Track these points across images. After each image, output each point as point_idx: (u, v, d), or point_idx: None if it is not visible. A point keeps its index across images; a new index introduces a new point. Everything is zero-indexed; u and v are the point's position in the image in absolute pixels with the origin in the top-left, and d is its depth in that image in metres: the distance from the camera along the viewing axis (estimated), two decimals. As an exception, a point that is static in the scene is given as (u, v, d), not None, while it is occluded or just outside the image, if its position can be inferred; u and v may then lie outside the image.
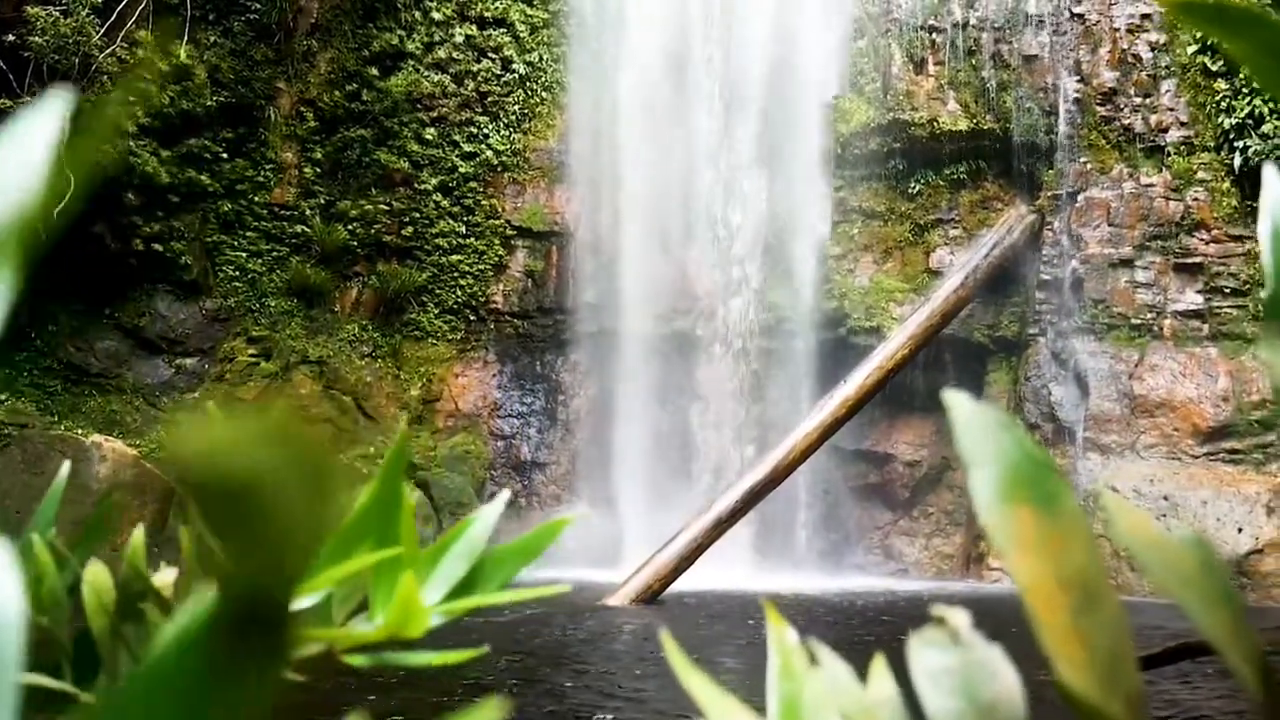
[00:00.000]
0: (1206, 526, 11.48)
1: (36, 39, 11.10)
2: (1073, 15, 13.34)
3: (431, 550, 0.59)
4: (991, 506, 0.39)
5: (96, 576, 0.73)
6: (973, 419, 0.40)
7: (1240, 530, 11.41)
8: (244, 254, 14.29)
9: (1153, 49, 13.09)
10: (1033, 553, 0.38)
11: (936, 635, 0.41)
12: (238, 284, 14.25)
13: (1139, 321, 12.86)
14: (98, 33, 11.47)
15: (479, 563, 0.60)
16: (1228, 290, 12.72)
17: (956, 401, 0.41)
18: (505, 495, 0.71)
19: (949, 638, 0.40)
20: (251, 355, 13.93)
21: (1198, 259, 12.81)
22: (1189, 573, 0.41)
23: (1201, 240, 12.83)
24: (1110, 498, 0.42)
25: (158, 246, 13.44)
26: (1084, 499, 12.24)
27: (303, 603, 0.56)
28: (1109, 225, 13.06)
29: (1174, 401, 12.42)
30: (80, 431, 11.36)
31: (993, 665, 0.39)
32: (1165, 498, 11.77)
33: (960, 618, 0.41)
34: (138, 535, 0.74)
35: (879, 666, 0.45)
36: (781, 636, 0.45)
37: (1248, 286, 12.67)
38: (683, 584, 10.15)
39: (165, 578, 0.74)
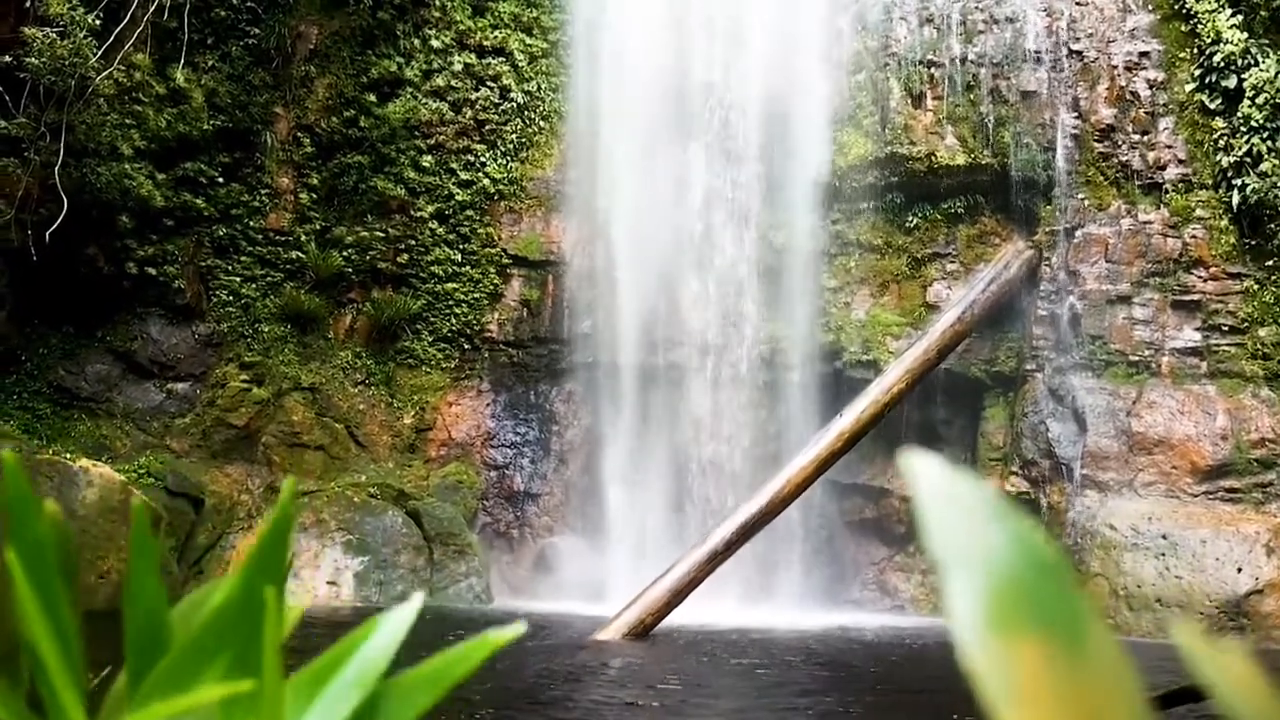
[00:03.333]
0: (1205, 566, 11.36)
1: (33, 60, 11.05)
2: (1071, 52, 13.37)
3: (306, 678, 0.44)
4: (977, 636, 0.25)
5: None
6: (948, 496, 0.26)
7: (1239, 570, 11.28)
8: (238, 279, 14.20)
9: (1151, 86, 13.11)
10: (1043, 713, 0.24)
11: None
12: (231, 309, 14.15)
13: (1137, 358, 12.79)
14: (95, 55, 11.44)
15: (374, 696, 0.44)
16: (1226, 328, 12.66)
17: (921, 469, 0.27)
18: (418, 600, 0.54)
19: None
20: (243, 381, 13.81)
21: (1196, 296, 12.77)
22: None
23: (1200, 278, 12.79)
24: (1190, 635, 0.28)
25: (151, 270, 13.35)
26: (1081, 537, 12.11)
27: None
28: (1107, 262, 13.02)
29: (1172, 439, 12.32)
30: (68, 456, 11.21)
31: None
32: (1164, 536, 11.64)
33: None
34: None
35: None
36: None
37: (1246, 325, 12.62)
38: (675, 618, 10.00)
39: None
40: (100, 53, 11.62)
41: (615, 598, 10.74)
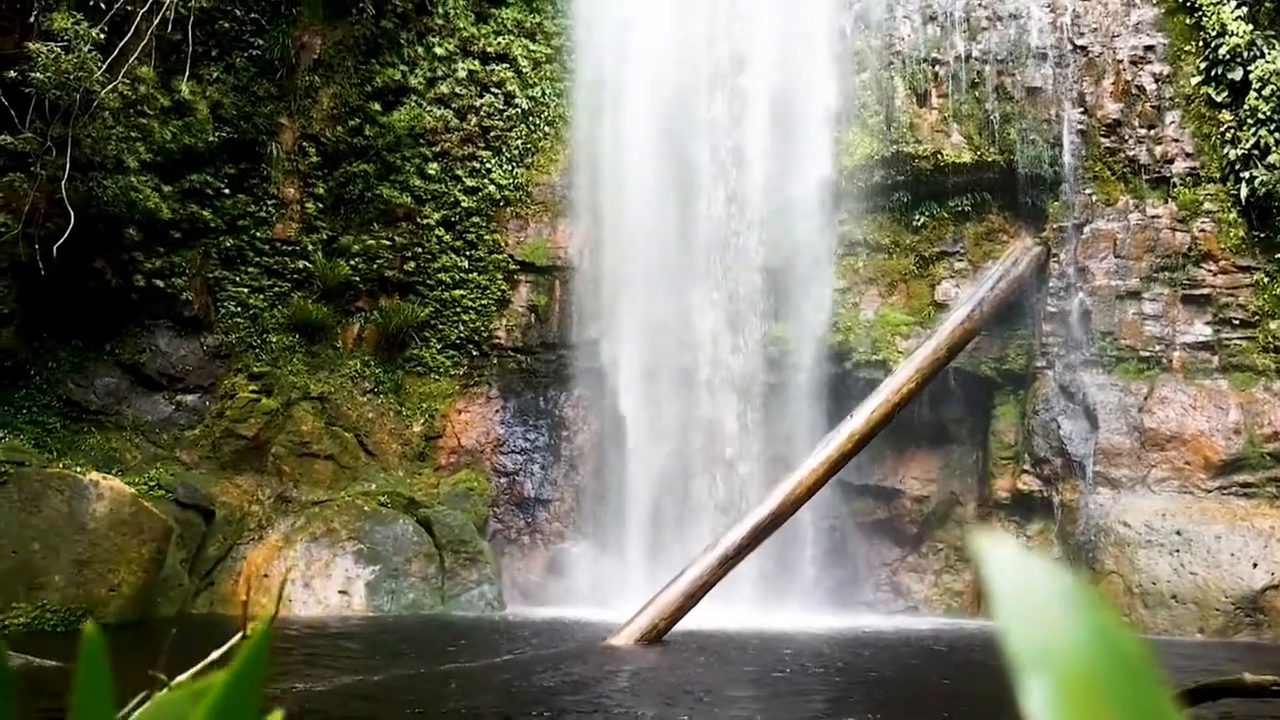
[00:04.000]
0: (1221, 562, 11.28)
1: (38, 75, 11.08)
2: (1075, 47, 13.32)
3: None
4: None
5: None
6: (1023, 585, 0.24)
7: (1255, 565, 11.21)
8: (245, 289, 14.22)
9: (1156, 80, 13.05)
10: None
11: None
12: (239, 320, 14.17)
13: (1147, 354, 12.73)
14: (99, 69, 11.45)
15: None
16: (1237, 322, 12.59)
17: (994, 554, 0.25)
18: None
19: None
20: (252, 391, 13.82)
21: (1206, 290, 12.70)
22: None
23: (1209, 271, 12.73)
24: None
25: (159, 282, 13.37)
26: (1094, 534, 12.05)
27: None
28: (1115, 257, 12.96)
29: (1185, 435, 12.25)
30: (78, 469, 11.23)
31: None
32: (1178, 533, 11.57)
33: None
34: None
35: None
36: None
37: (1256, 318, 12.55)
38: (688, 622, 9.96)
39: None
40: (105, 66, 11.64)
41: (627, 603, 10.71)
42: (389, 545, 12.43)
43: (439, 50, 14.67)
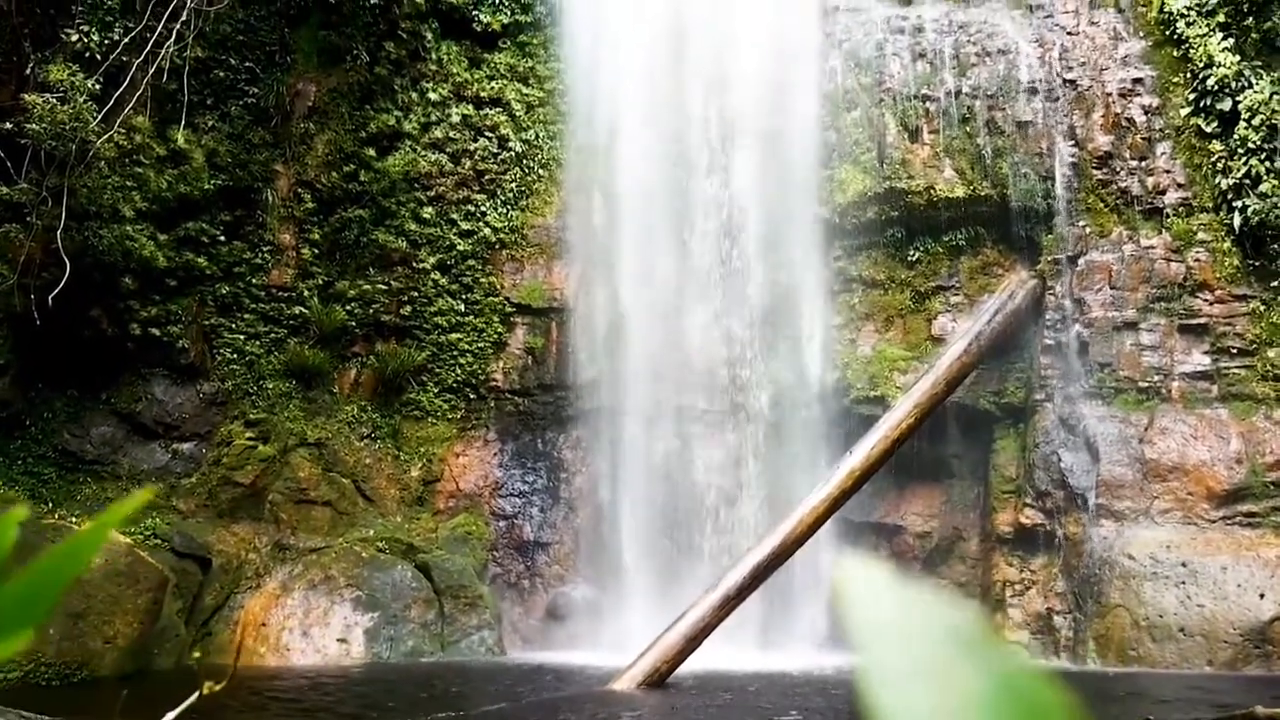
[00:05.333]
0: (1227, 593, 11.18)
1: (34, 126, 11.12)
2: (1065, 81, 13.41)
3: None
4: None
5: None
6: (899, 627, 0.18)
7: (1263, 596, 11.10)
8: (241, 336, 14.19)
9: (1146, 112, 13.13)
10: None
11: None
12: (235, 367, 14.13)
13: (1146, 384, 12.70)
14: (95, 119, 11.50)
15: None
16: (1235, 351, 12.58)
17: (855, 584, 0.19)
18: None
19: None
20: (249, 438, 13.75)
21: (1202, 320, 12.70)
22: None
23: (1205, 301, 12.74)
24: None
25: (154, 330, 13.35)
26: (1099, 567, 11.94)
27: None
28: (1111, 288, 12.97)
29: (1186, 465, 12.19)
30: (74, 520, 11.14)
31: None
32: (1183, 564, 11.48)
33: None
34: None
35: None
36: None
37: (1254, 346, 12.54)
38: (690, 665, 9.84)
39: None
40: (100, 117, 11.69)
41: (629, 646, 10.58)
42: (388, 592, 12.30)
43: (433, 95, 14.76)
